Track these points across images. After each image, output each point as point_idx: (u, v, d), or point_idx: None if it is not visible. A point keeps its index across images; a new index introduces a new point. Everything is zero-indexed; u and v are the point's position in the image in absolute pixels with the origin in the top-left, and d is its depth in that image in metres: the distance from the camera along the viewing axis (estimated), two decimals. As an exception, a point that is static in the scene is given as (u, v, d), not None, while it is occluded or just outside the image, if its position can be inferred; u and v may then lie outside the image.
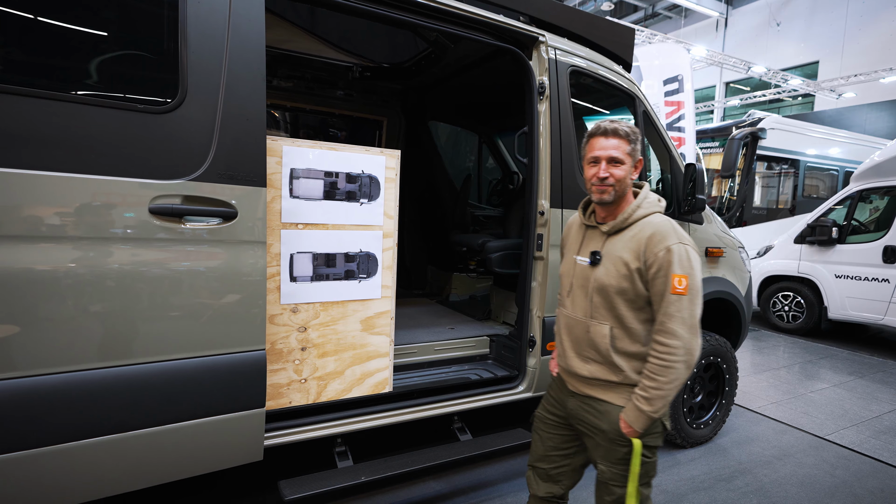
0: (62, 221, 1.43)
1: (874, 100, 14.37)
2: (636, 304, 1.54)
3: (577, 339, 1.66)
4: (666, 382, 1.45)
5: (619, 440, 1.56)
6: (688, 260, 1.48)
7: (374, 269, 2.17)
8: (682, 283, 1.45)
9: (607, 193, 1.57)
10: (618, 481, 1.59)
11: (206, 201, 1.62)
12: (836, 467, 3.09)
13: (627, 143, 1.57)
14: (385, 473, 2.03)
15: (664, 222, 1.55)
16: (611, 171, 1.55)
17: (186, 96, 1.58)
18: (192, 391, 1.61)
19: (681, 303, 1.45)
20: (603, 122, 1.59)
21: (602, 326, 1.58)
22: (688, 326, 1.46)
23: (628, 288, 1.53)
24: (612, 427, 1.57)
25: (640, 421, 1.49)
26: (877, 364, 5.40)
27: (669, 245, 1.48)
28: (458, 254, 3.59)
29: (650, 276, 1.50)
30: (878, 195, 6.01)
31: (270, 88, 3.63)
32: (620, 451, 1.57)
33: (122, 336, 1.52)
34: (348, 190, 2.08)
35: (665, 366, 1.45)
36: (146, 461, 1.59)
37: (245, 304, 1.70)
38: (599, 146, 1.58)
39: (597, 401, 1.62)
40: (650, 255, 1.49)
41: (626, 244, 1.55)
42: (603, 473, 1.63)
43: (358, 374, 2.18)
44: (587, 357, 1.62)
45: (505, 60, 2.89)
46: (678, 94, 7.44)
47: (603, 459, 1.62)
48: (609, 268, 1.56)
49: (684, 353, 1.45)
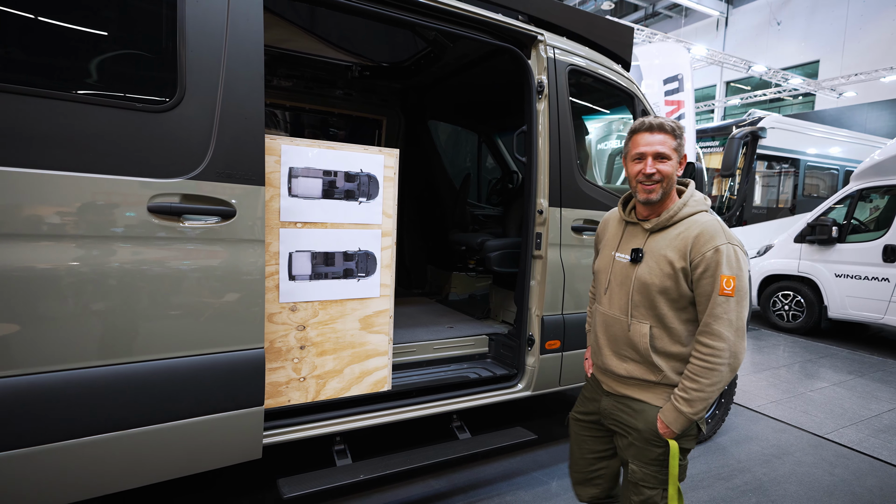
0: (61, 220, 1.43)
1: (875, 99, 14.35)
2: (678, 304, 1.50)
3: (614, 337, 1.62)
4: (708, 385, 1.42)
5: (654, 440, 1.53)
6: (736, 261, 1.44)
7: (372, 268, 2.17)
8: (730, 285, 1.41)
9: (655, 192, 1.51)
10: (649, 482, 1.56)
11: (204, 200, 1.62)
12: (834, 466, 3.09)
13: (673, 139, 1.52)
14: (383, 472, 2.04)
15: (712, 221, 1.50)
16: (657, 167, 1.50)
17: (185, 95, 1.59)
18: (190, 389, 1.62)
19: (728, 304, 1.42)
20: (647, 118, 1.55)
21: (642, 325, 1.54)
22: (734, 329, 1.42)
23: (671, 287, 1.49)
24: (648, 426, 1.54)
25: (678, 422, 1.46)
26: (877, 363, 5.40)
27: (718, 245, 1.43)
28: (458, 253, 3.59)
29: (696, 277, 1.46)
30: (879, 194, 6.01)
31: (269, 88, 3.64)
32: (655, 452, 1.54)
33: (121, 334, 1.52)
34: (347, 189, 2.08)
35: (709, 368, 1.42)
36: (146, 459, 1.59)
37: (243, 302, 1.71)
38: (645, 142, 1.52)
39: (633, 400, 1.59)
40: (697, 254, 1.45)
41: (670, 242, 1.50)
42: (634, 473, 1.59)
43: (357, 372, 2.18)
44: (625, 356, 1.59)
45: (504, 59, 2.90)
46: (678, 94, 7.43)
47: (635, 459, 1.58)
48: (652, 266, 1.52)
49: (729, 355, 1.42)
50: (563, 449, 3.11)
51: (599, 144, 5.36)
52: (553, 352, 2.62)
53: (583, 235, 2.68)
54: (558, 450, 3.11)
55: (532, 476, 2.80)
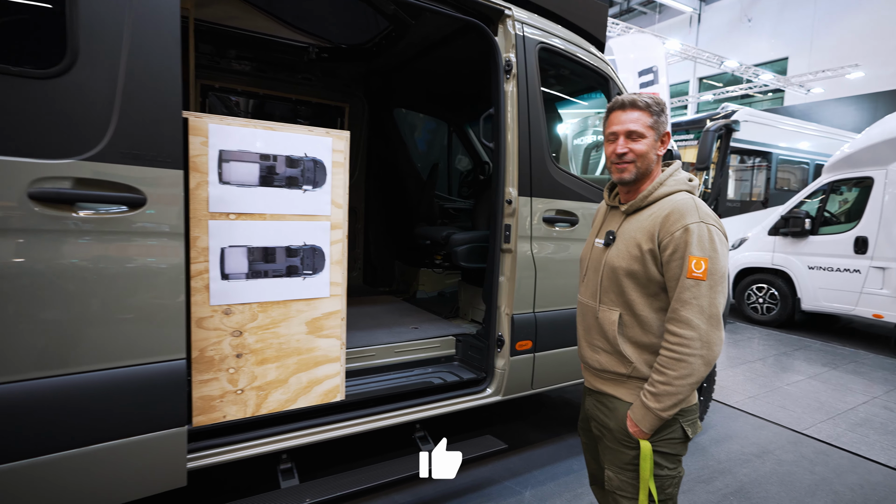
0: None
1: (841, 95, 14.70)
2: (648, 290, 1.38)
3: (587, 326, 1.53)
4: (676, 378, 1.28)
5: (626, 441, 1.40)
6: (709, 241, 1.29)
7: (320, 265, 1.93)
8: (700, 267, 1.27)
9: (628, 172, 1.41)
10: (626, 491, 1.41)
11: (104, 185, 1.36)
12: (815, 463, 3.00)
13: (649, 115, 1.40)
14: (332, 494, 1.81)
15: (686, 199, 1.36)
16: (630, 146, 1.40)
17: (77, 60, 1.32)
18: (87, 412, 1.36)
19: (698, 289, 1.27)
20: (621, 96, 1.45)
21: (611, 312, 1.43)
22: (706, 316, 1.27)
23: (639, 270, 1.37)
24: (619, 425, 1.41)
25: (646, 420, 1.33)
26: (848, 354, 5.42)
27: (688, 224, 1.29)
28: (424, 248, 3.37)
29: (665, 259, 1.32)
30: (848, 186, 6.04)
31: (219, 70, 3.34)
32: (628, 455, 1.40)
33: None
34: (289, 175, 1.84)
35: (676, 359, 1.28)
36: (34, 497, 1.33)
37: (158, 307, 1.45)
38: (618, 120, 1.42)
39: (607, 397, 1.48)
40: (665, 234, 1.32)
41: (641, 224, 1.40)
42: (611, 481, 1.46)
43: (304, 381, 1.94)
44: (596, 346, 1.49)
45: (471, 40, 2.69)
46: (653, 86, 7.34)
47: (610, 464, 1.46)
48: (621, 248, 1.42)
49: (701, 345, 1.27)
50: (537, 454, 2.94)
51: (573, 129, 5.21)
52: (524, 353, 2.43)
53: (555, 227, 2.49)
54: (532, 455, 2.93)
55: (504, 486, 2.61)
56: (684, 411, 1.37)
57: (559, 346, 2.54)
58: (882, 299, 5.33)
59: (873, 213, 5.46)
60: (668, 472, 1.38)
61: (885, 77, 13.88)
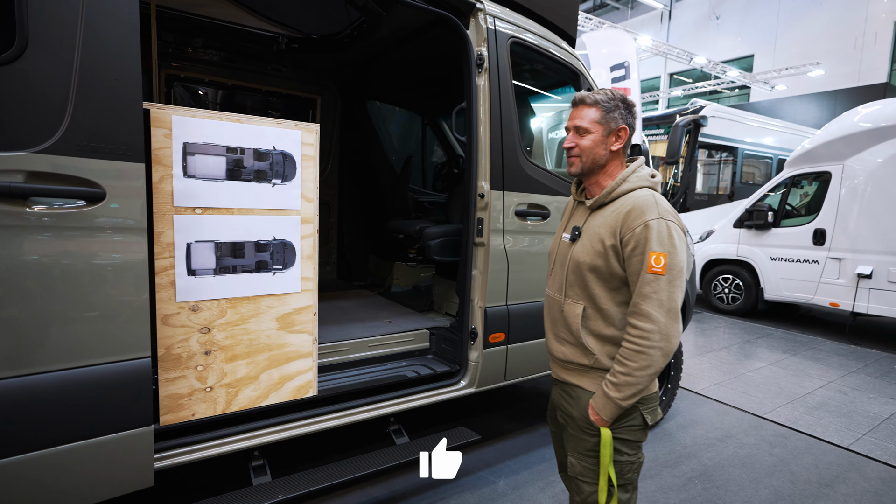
0: None
1: (802, 92, 15.25)
2: (611, 284, 1.43)
3: (553, 318, 1.58)
4: (636, 369, 1.33)
5: (587, 428, 1.46)
6: (669, 237, 1.34)
7: (290, 260, 1.91)
8: (659, 262, 1.32)
9: (574, 165, 1.50)
10: (587, 477, 1.47)
11: (59, 179, 1.31)
12: (774, 445, 3.14)
13: (598, 111, 1.44)
14: (304, 490, 1.80)
15: (646, 196, 1.40)
16: (576, 140, 1.47)
17: (27, 46, 1.26)
18: (50, 413, 1.31)
19: (658, 283, 1.32)
20: (580, 92, 1.52)
21: (576, 305, 1.48)
22: (665, 309, 1.32)
23: (601, 266, 1.42)
24: (581, 413, 1.48)
25: (607, 409, 1.38)
26: (808, 341, 5.67)
27: (648, 220, 1.34)
28: (397, 242, 3.36)
29: (626, 254, 1.37)
30: (808, 180, 6.29)
31: (185, 59, 3.24)
32: (589, 442, 1.46)
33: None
34: (257, 169, 1.80)
35: (637, 350, 1.33)
36: None
37: (119, 304, 1.41)
38: (571, 116, 1.50)
39: (571, 386, 1.53)
40: (626, 230, 1.37)
41: (605, 220, 1.44)
42: (572, 467, 1.52)
43: (276, 377, 1.92)
44: (562, 338, 1.54)
45: (443, 32, 2.67)
46: (625, 81, 7.45)
47: (573, 451, 1.52)
48: (585, 244, 1.47)
49: (660, 338, 1.32)
50: (511, 445, 2.99)
51: (545, 124, 5.26)
52: (497, 345, 2.46)
53: (527, 221, 2.52)
54: (506, 446, 2.98)
55: (478, 476, 2.65)
56: (644, 399, 1.43)
57: (532, 338, 2.58)
58: (838, 288, 5.59)
59: (831, 206, 5.71)
60: (628, 457, 1.44)
61: (844, 75, 14.46)
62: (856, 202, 5.49)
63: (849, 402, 3.91)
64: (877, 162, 5.38)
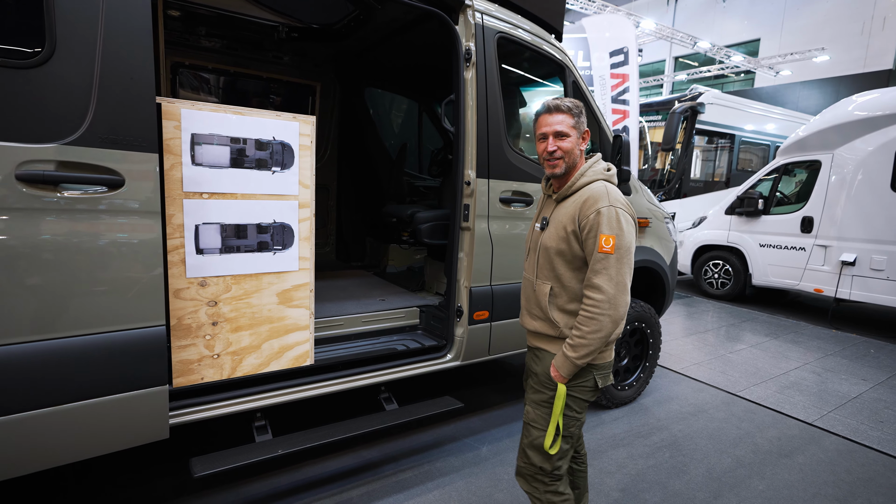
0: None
1: (807, 78, 15.14)
2: (574, 265, 1.65)
3: (528, 297, 1.81)
4: (589, 332, 1.55)
5: (547, 383, 1.70)
6: (616, 221, 1.55)
7: (289, 241, 2.09)
8: (609, 243, 1.53)
9: (558, 167, 1.67)
10: (538, 423, 1.71)
11: (84, 167, 1.49)
12: (742, 420, 3.36)
13: (571, 117, 1.66)
14: (301, 446, 2.02)
15: (599, 187, 1.63)
16: (558, 144, 1.65)
17: (56, 49, 1.43)
18: (81, 371, 1.52)
19: (607, 261, 1.54)
20: (548, 101, 1.69)
21: (544, 285, 1.71)
22: (614, 283, 1.54)
23: (565, 249, 1.64)
24: (543, 370, 1.71)
25: (565, 366, 1.60)
26: (791, 326, 5.86)
27: (599, 208, 1.57)
28: (391, 225, 3.54)
29: (584, 238, 1.60)
30: (801, 168, 6.40)
31: (190, 48, 3.38)
32: (546, 395, 1.70)
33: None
34: (258, 157, 1.97)
35: (589, 317, 1.55)
36: (36, 443, 1.50)
37: (137, 278, 1.60)
38: (546, 123, 1.68)
39: (539, 350, 1.77)
40: (583, 217, 1.59)
41: (567, 210, 1.66)
42: (527, 414, 1.76)
43: (276, 347, 2.13)
44: (534, 314, 1.77)
45: (436, 25, 2.80)
46: (624, 67, 7.52)
47: (530, 401, 1.76)
48: (552, 232, 1.69)
49: (609, 306, 1.53)
50: (496, 415, 3.21)
51: (529, 116, 5.38)
52: (482, 322, 2.65)
53: (511, 207, 2.69)
54: (492, 416, 3.20)
55: (464, 442, 2.88)
56: (599, 366, 1.66)
57: (513, 317, 2.77)
58: (823, 275, 5.76)
59: (819, 195, 5.83)
60: (575, 413, 1.69)
61: (850, 61, 14.35)
62: (843, 191, 5.61)
63: (821, 381, 4.12)
64: (867, 151, 5.48)
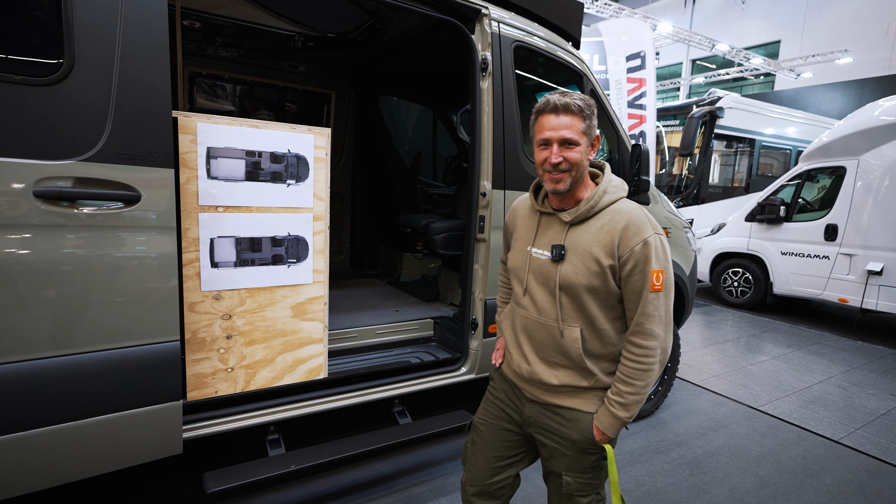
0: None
1: (829, 80, 14.80)
2: (607, 303, 1.38)
3: (540, 343, 1.46)
4: (643, 386, 1.35)
5: (589, 448, 1.44)
6: (663, 252, 1.34)
7: (304, 254, 2.08)
8: (659, 280, 1.32)
9: (562, 183, 1.35)
10: (583, 491, 1.48)
11: (101, 184, 1.49)
12: (765, 436, 3.25)
13: (581, 120, 1.33)
14: (314, 461, 2.00)
15: (637, 211, 1.36)
16: (564, 154, 1.33)
17: (74, 66, 1.43)
18: (95, 387, 1.52)
19: (658, 300, 1.33)
20: (552, 96, 1.34)
21: (573, 329, 1.40)
22: (664, 324, 1.34)
23: (600, 286, 1.35)
24: (583, 436, 1.42)
25: (614, 427, 1.38)
26: (814, 336, 5.70)
27: (646, 238, 1.31)
28: (406, 235, 3.52)
29: (625, 273, 1.33)
30: (825, 175, 6.23)
31: (206, 57, 3.41)
32: (590, 460, 1.45)
33: (11, 331, 1.40)
34: (273, 170, 1.97)
35: (643, 369, 1.34)
36: (50, 459, 1.50)
37: (153, 293, 1.60)
38: (549, 126, 1.34)
39: (563, 409, 1.46)
40: (625, 249, 1.32)
41: (595, 237, 1.36)
42: (569, 485, 1.47)
43: (290, 361, 2.11)
44: (555, 363, 1.45)
45: (451, 34, 2.78)
46: (641, 71, 7.42)
47: (569, 470, 1.47)
48: (577, 264, 1.37)
49: (661, 352, 1.35)
50: (510, 428, 3.15)
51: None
52: (496, 335, 2.61)
53: (527, 218, 2.64)
54: (505, 429, 3.15)
55: (477, 456, 2.83)
56: None
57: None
58: (848, 284, 5.59)
59: (844, 202, 5.67)
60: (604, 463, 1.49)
61: (873, 63, 13.99)
62: (870, 198, 5.45)
63: (847, 396, 3.98)
64: (894, 157, 5.31)
